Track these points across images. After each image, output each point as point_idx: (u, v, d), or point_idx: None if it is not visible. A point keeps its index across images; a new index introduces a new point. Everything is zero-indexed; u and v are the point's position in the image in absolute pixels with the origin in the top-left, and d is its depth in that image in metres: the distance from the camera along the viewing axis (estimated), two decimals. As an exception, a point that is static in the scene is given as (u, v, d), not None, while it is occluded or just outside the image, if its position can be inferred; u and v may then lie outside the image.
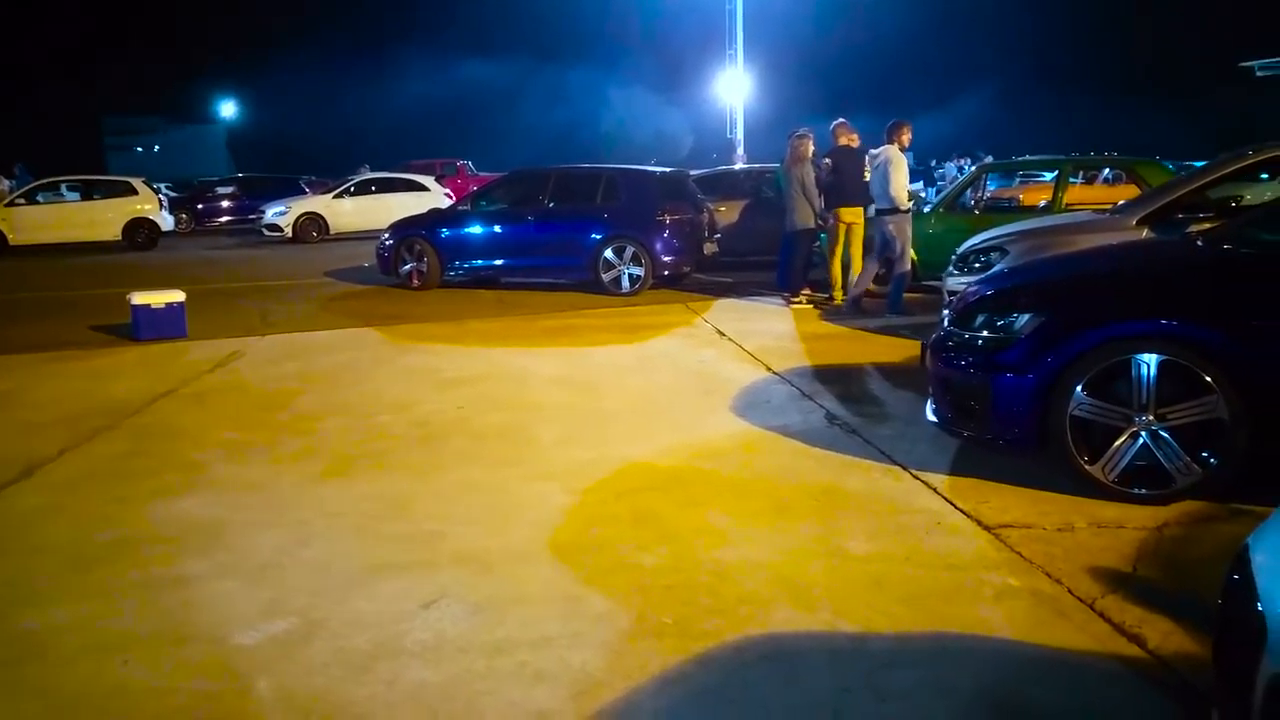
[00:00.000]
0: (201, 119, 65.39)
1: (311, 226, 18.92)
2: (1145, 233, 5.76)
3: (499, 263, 10.76)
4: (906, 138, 8.14)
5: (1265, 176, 7.01)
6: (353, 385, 6.00)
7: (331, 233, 19.00)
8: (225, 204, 24.54)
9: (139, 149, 63.84)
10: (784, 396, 5.39)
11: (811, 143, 8.85)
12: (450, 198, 18.38)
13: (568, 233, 10.28)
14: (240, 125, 64.06)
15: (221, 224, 23.97)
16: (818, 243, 9.13)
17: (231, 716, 2.33)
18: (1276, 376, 3.28)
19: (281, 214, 19.02)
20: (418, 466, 4.27)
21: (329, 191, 20.10)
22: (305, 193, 22.11)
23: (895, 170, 7.88)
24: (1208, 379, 3.33)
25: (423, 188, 19.61)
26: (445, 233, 10.88)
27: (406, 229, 11.21)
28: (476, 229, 10.83)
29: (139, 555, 3.31)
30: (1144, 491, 3.46)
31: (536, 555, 3.23)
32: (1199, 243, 4.16)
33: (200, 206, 24.40)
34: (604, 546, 3.28)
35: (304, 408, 5.44)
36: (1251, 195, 6.77)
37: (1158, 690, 2.32)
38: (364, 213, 18.82)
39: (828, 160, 8.75)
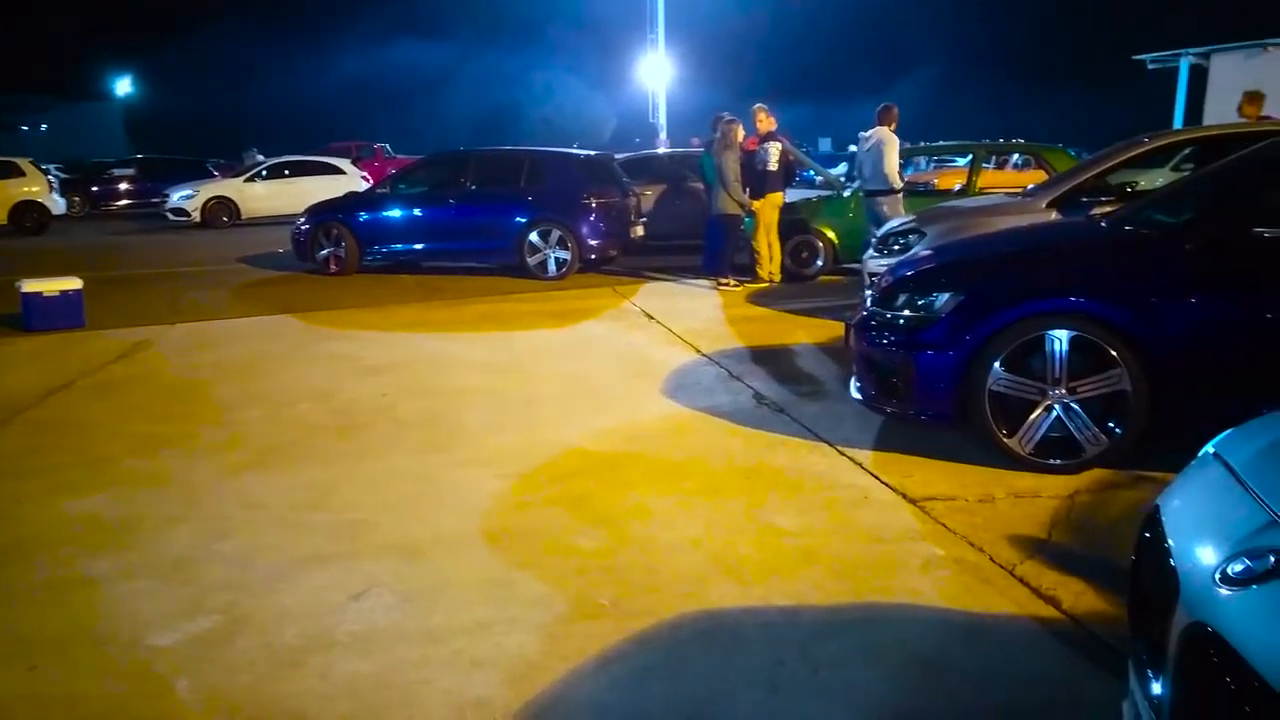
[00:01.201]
0: (94, 96, 61.37)
1: (222, 211, 18.13)
2: (1054, 215, 6.01)
3: (420, 247, 10.51)
4: (897, 121, 8.39)
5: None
6: (270, 374, 5.78)
7: (243, 217, 18.24)
8: (124, 187, 23.24)
9: (24, 128, 59.56)
10: (713, 378, 5.44)
11: (741, 128, 8.93)
12: (367, 181, 17.87)
13: (491, 216, 10.11)
14: (138, 104, 60.38)
15: (120, 208, 22.72)
16: (743, 225, 9.23)
17: (150, 720, 2.22)
18: (1172, 349, 3.48)
19: (188, 197, 18.14)
20: (341, 455, 4.15)
21: (239, 175, 19.28)
22: (214, 175, 21.13)
23: (889, 151, 8.18)
24: (1112, 353, 3.51)
25: (339, 171, 19.01)
26: (364, 217, 10.57)
27: (323, 213, 10.85)
28: (396, 213, 10.55)
29: (41, 556, 3.12)
30: (1058, 461, 3.63)
31: (468, 542, 3.18)
32: (1103, 224, 4.37)
33: (96, 189, 23.05)
34: (537, 531, 3.26)
35: (219, 398, 5.21)
36: (1145, 181, 7.13)
37: (1073, 647, 2.44)
38: (277, 197, 18.12)
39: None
